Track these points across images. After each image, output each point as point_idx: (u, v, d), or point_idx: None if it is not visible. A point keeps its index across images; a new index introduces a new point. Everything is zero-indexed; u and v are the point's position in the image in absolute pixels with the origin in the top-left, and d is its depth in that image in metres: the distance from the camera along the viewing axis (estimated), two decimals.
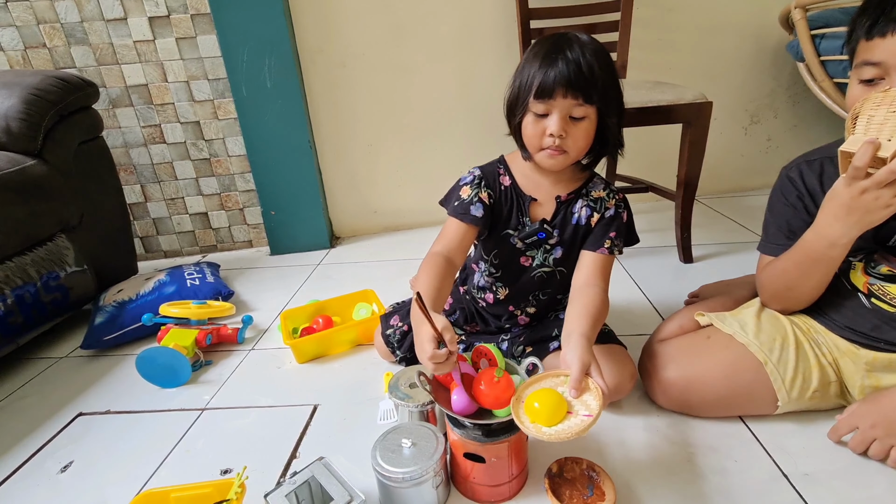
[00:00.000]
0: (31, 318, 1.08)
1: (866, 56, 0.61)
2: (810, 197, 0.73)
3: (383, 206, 1.75)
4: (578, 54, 0.67)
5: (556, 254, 0.82)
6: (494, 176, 0.82)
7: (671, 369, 0.76)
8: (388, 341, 0.95)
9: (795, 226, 0.74)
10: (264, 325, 1.20)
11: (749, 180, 1.78)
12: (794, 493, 0.64)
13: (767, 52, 1.61)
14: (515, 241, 0.81)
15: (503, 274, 0.86)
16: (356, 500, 0.58)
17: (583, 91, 0.67)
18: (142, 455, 0.81)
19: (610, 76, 0.70)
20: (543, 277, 0.84)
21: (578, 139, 0.71)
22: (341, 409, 0.87)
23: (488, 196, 0.80)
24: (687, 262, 1.30)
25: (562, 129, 0.69)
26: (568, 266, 0.82)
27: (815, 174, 0.73)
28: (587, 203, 0.79)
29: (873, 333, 0.69)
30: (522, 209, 0.80)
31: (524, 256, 0.83)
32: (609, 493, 0.63)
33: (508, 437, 0.62)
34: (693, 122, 1.15)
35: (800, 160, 0.76)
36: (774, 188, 0.79)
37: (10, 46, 1.46)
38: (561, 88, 0.67)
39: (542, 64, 0.68)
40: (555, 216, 0.80)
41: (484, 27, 1.51)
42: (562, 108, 0.69)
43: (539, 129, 0.71)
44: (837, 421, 0.69)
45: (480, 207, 0.79)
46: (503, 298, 0.88)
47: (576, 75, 0.66)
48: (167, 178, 1.65)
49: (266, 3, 1.40)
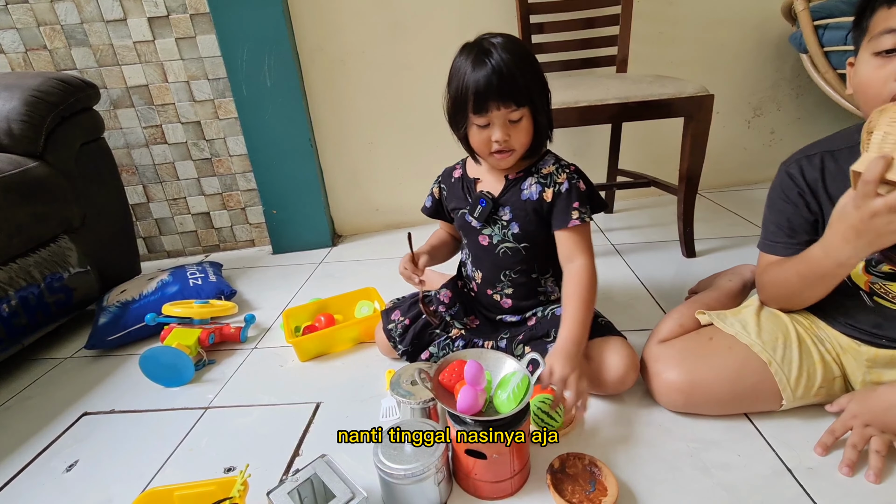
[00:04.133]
0: (35, 319, 1.09)
1: (890, 23, 0.57)
2: (811, 194, 0.71)
3: (385, 204, 1.75)
4: (498, 63, 0.72)
5: (513, 229, 0.85)
6: (450, 171, 0.94)
7: (674, 373, 0.75)
8: (389, 336, 0.95)
9: (796, 223, 0.73)
10: (267, 323, 1.21)
11: (752, 174, 1.77)
12: (798, 487, 0.63)
13: (770, 43, 1.59)
14: (470, 220, 0.87)
15: (473, 258, 0.92)
16: (358, 497, 0.58)
17: (513, 98, 0.73)
18: (146, 453, 0.82)
19: (530, 72, 0.75)
20: (508, 254, 0.86)
21: (521, 137, 0.78)
22: (343, 407, 0.88)
23: (439, 190, 0.95)
24: (690, 256, 1.30)
25: (504, 135, 0.76)
26: (531, 241, 0.85)
27: (816, 169, 0.70)
28: (537, 180, 0.83)
29: (875, 330, 0.68)
30: (469, 189, 0.89)
31: (481, 235, 0.87)
32: (611, 489, 0.62)
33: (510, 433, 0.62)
34: (695, 115, 1.15)
35: (799, 155, 0.73)
36: (774, 185, 0.76)
37: (11, 49, 1.47)
38: (493, 102, 0.73)
39: (470, 80, 0.74)
40: (503, 192, 0.85)
41: (484, 22, 1.50)
42: (499, 118, 0.75)
43: (485, 138, 0.78)
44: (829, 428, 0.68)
45: (430, 199, 0.96)
46: (480, 282, 0.91)
47: (503, 86, 0.72)
48: (169, 178, 1.65)
49: (265, 1, 1.40)
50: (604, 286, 1.18)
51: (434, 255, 0.96)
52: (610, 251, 1.39)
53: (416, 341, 0.93)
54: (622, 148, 1.57)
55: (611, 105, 1.13)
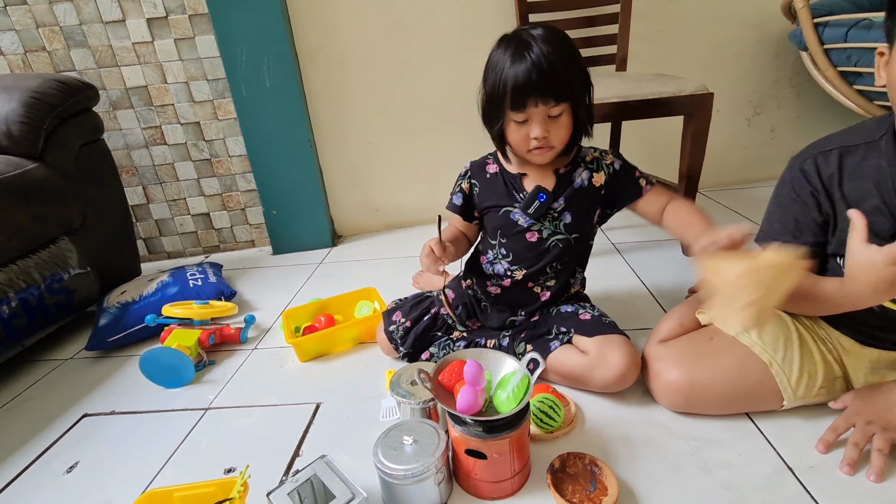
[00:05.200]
0: (35, 320, 1.09)
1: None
2: (826, 194, 0.66)
3: (385, 204, 1.75)
4: (540, 57, 0.69)
5: (565, 219, 0.84)
6: (482, 166, 0.89)
7: (675, 372, 0.74)
8: (391, 337, 0.95)
9: (804, 224, 0.68)
10: (267, 324, 1.21)
11: (752, 172, 1.76)
12: (799, 485, 0.63)
13: (770, 41, 1.59)
14: (517, 217, 0.84)
15: (514, 257, 0.87)
16: (358, 497, 0.58)
17: (553, 94, 0.71)
18: (146, 455, 0.82)
19: (572, 65, 0.73)
20: (559, 246, 0.85)
21: (561, 133, 0.76)
22: (343, 407, 0.88)
23: (470, 186, 0.89)
24: (690, 255, 1.29)
25: (544, 131, 0.74)
26: (581, 231, 0.85)
27: (833, 166, 0.65)
28: (585, 167, 0.84)
29: (879, 333, 0.68)
30: (515, 185, 0.85)
31: (529, 232, 0.85)
32: (612, 488, 0.62)
33: (510, 433, 0.62)
34: (695, 113, 1.14)
35: (814, 151, 0.68)
36: (784, 179, 0.71)
37: (10, 50, 1.47)
38: (533, 98, 0.71)
39: (509, 74, 0.71)
40: (557, 187, 0.83)
41: (483, 22, 1.50)
42: (538, 114, 0.73)
43: (523, 134, 0.76)
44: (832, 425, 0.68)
45: (460, 197, 0.89)
46: (521, 279, 0.88)
47: (543, 82, 0.70)
48: (169, 179, 1.65)
49: (264, 2, 1.40)
50: (604, 285, 1.18)
51: (455, 244, 0.87)
52: (610, 250, 1.39)
53: (417, 343, 0.93)
54: (622, 146, 1.57)
55: (611, 104, 1.13)
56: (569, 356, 0.81)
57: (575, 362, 0.80)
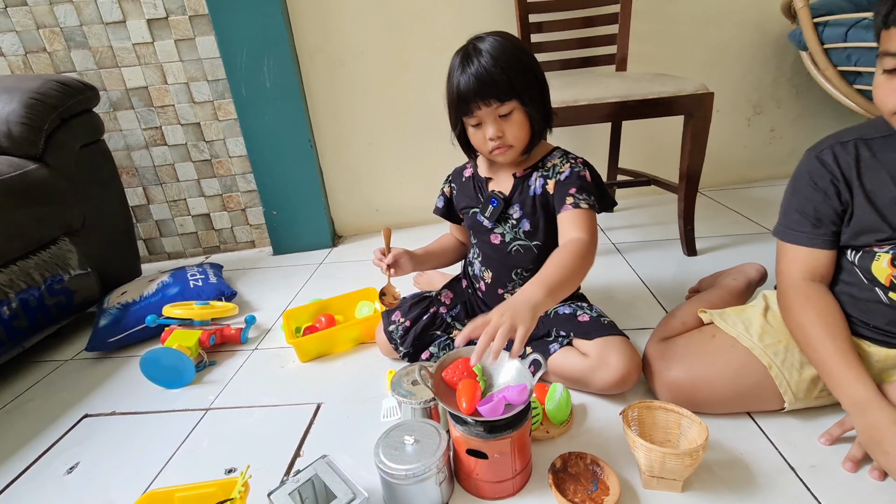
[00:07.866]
0: (35, 321, 1.09)
1: (887, 46, 0.57)
2: (845, 182, 0.65)
3: (385, 205, 1.75)
4: (477, 65, 0.73)
5: (524, 226, 0.86)
6: (460, 171, 0.96)
7: (676, 370, 0.74)
8: (390, 337, 0.95)
9: (824, 213, 0.68)
10: (267, 324, 1.21)
11: (752, 171, 1.77)
12: (802, 485, 0.63)
13: (770, 41, 1.59)
14: (482, 219, 0.88)
15: (484, 257, 0.92)
16: (359, 497, 0.58)
17: (494, 94, 0.74)
18: (147, 455, 0.82)
19: (514, 66, 0.74)
20: (520, 252, 0.87)
21: (515, 131, 0.78)
22: (344, 408, 0.88)
23: (450, 190, 0.96)
24: (691, 254, 1.30)
25: (497, 131, 0.77)
26: (542, 239, 0.86)
27: (852, 157, 0.65)
28: (542, 174, 0.84)
29: (889, 328, 0.67)
30: (481, 188, 0.90)
31: (493, 234, 0.88)
32: (613, 488, 0.62)
33: (511, 433, 0.62)
34: (695, 113, 1.14)
35: (831, 141, 0.68)
36: (800, 171, 0.70)
37: (11, 51, 1.47)
38: (475, 102, 0.75)
39: (454, 84, 0.77)
40: (513, 191, 0.86)
41: (483, 22, 1.50)
42: (488, 115, 0.76)
43: (481, 136, 0.79)
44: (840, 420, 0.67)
45: (442, 200, 0.98)
46: (490, 282, 0.91)
47: (483, 84, 0.73)
48: (169, 179, 1.65)
49: (264, 3, 1.40)
50: (604, 285, 1.18)
51: (427, 259, 0.97)
52: (610, 250, 1.39)
53: (416, 343, 0.93)
54: (622, 146, 1.57)
55: (610, 103, 1.13)
56: (569, 359, 0.81)
57: (576, 365, 0.80)
